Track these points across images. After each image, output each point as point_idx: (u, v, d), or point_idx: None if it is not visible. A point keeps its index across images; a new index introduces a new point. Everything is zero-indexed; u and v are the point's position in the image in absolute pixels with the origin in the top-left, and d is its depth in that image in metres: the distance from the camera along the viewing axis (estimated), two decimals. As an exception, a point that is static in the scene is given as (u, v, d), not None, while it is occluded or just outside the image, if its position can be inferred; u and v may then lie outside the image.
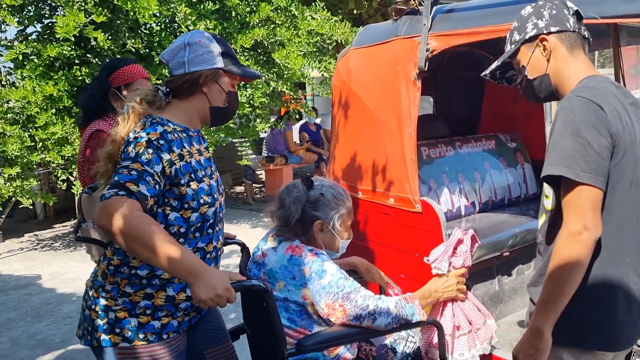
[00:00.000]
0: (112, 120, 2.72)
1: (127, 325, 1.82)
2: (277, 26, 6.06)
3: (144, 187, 1.68)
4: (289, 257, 2.00)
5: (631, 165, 1.51)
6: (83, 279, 5.39)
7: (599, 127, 1.44)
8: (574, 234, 1.42)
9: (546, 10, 1.67)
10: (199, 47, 1.86)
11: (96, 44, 5.26)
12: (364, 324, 1.92)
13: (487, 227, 3.21)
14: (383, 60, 3.14)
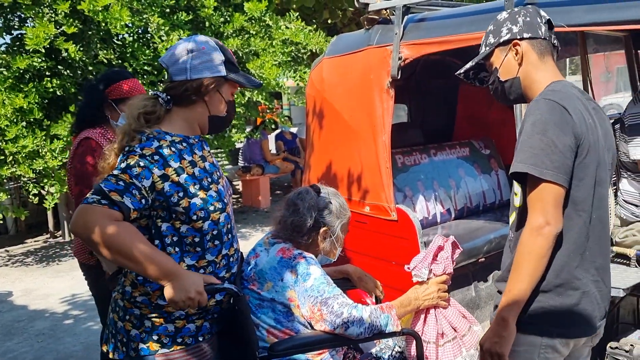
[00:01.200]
0: (105, 130, 2.73)
1: (165, 332, 1.83)
2: (252, 36, 6.05)
3: (129, 199, 1.68)
4: (279, 259, 2.02)
5: (594, 164, 1.59)
6: (55, 295, 5.31)
7: (563, 127, 1.52)
8: (537, 228, 1.51)
9: (521, 17, 1.74)
10: (202, 53, 1.82)
11: (67, 56, 5.18)
12: (337, 332, 1.94)
13: (463, 234, 3.23)
14: (356, 69, 3.15)
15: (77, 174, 2.67)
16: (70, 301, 5.18)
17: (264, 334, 2.01)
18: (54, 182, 5.51)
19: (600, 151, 1.62)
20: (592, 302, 1.64)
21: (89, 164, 2.64)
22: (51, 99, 5.61)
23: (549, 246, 1.52)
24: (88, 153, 2.65)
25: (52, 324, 4.64)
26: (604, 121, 1.72)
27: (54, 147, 5.24)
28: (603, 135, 1.67)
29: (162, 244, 1.80)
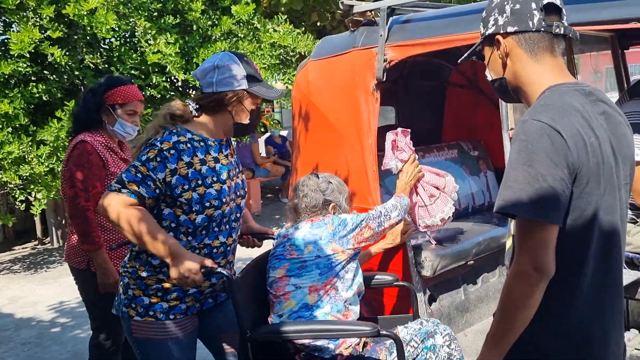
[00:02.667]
0: (100, 134, 2.77)
1: (141, 303, 2.12)
2: (240, 39, 6.01)
3: (144, 189, 1.99)
4: (311, 225, 2.36)
5: (598, 193, 1.35)
6: (43, 303, 5.24)
7: (554, 157, 1.28)
8: (523, 274, 1.31)
9: (509, 3, 1.45)
10: (226, 70, 2.07)
11: (53, 60, 5.13)
12: (386, 225, 2.44)
13: (452, 236, 3.21)
14: (341, 72, 3.13)
15: (71, 177, 2.69)
16: (57, 309, 5.12)
17: (305, 292, 2.28)
18: (41, 188, 5.45)
19: (607, 173, 1.36)
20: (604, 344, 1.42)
21: (84, 167, 2.67)
22: (37, 104, 5.55)
23: (537, 294, 1.31)
24: (83, 155, 2.67)
25: (39, 333, 4.58)
26: (618, 126, 1.44)
27: (40, 153, 5.18)
28: (617, 147, 1.40)
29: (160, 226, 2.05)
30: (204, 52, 5.59)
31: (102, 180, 2.71)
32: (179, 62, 5.41)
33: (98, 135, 2.77)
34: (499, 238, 3.30)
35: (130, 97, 2.77)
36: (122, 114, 2.76)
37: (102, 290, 2.72)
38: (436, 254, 2.97)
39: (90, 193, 2.67)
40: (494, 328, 1.39)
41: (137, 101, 2.79)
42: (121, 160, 2.83)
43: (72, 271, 2.86)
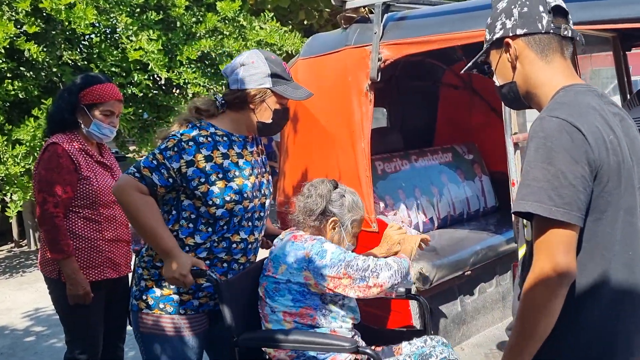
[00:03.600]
0: (75, 135, 2.64)
1: (152, 294, 2.13)
2: (225, 37, 5.86)
3: (157, 177, 2.03)
4: (292, 243, 2.16)
5: (618, 192, 1.31)
6: (18, 310, 5.03)
7: (575, 153, 1.25)
8: (542, 277, 1.25)
9: (517, 7, 1.44)
10: (251, 67, 2.08)
11: (30, 56, 4.93)
12: (371, 282, 2.04)
13: (447, 246, 3.07)
14: (333, 71, 2.98)
15: (40, 180, 2.58)
16: (33, 316, 4.92)
17: (280, 316, 2.14)
18: (17, 189, 5.26)
19: (627, 172, 1.33)
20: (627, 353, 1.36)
21: (53, 170, 2.54)
22: (13, 102, 5.35)
23: (558, 299, 1.26)
24: (53, 159, 2.54)
25: (12, 342, 4.37)
26: (630, 129, 1.41)
27: (16, 153, 4.99)
28: (630, 148, 1.37)
29: (179, 216, 2.11)
30: (188, 49, 5.43)
31: (74, 185, 2.57)
32: (162, 60, 5.25)
33: (73, 137, 2.63)
34: (497, 247, 3.17)
35: (106, 97, 2.62)
36: (98, 114, 2.61)
37: (72, 301, 2.58)
38: (432, 264, 2.83)
39: (59, 198, 2.54)
40: (513, 339, 1.33)
41: (114, 101, 2.64)
42: (97, 164, 2.68)
43: (45, 280, 2.73)
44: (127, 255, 2.76)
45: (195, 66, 5.75)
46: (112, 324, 2.78)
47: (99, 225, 2.63)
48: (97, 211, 2.62)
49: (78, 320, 2.65)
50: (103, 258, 2.63)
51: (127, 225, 2.72)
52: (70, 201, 2.57)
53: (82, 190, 2.58)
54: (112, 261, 2.67)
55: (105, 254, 2.64)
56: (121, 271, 2.72)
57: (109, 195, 2.62)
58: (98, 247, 2.62)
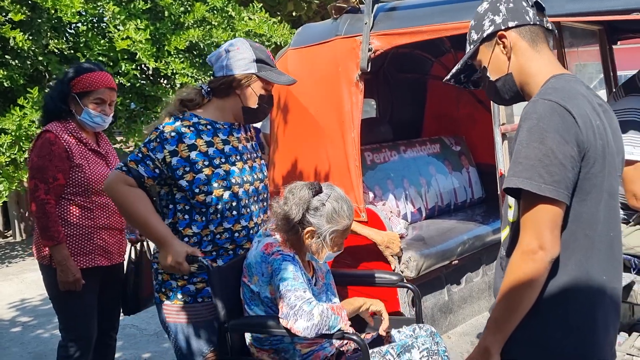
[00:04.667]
0: (69, 123, 2.66)
1: (169, 286, 2.20)
2: (213, 27, 5.83)
3: (143, 168, 2.09)
4: (262, 254, 2.10)
5: (603, 174, 1.37)
6: (3, 301, 4.99)
7: (565, 134, 1.30)
8: (528, 252, 1.31)
9: (502, 4, 1.52)
10: (237, 53, 2.14)
11: (15, 45, 4.87)
12: (288, 325, 1.94)
13: (435, 236, 3.10)
14: (323, 61, 2.98)
15: (32, 167, 2.61)
16: (18, 307, 4.88)
17: None
18: (2, 180, 5.20)
19: (610, 157, 1.40)
20: (610, 332, 1.44)
21: (45, 158, 2.57)
22: (-2, 90, 5.28)
23: (543, 273, 1.32)
24: (45, 146, 2.57)
25: (-3, 333, 4.34)
26: (613, 120, 1.49)
27: (1, 142, 4.93)
28: (612, 137, 1.44)
29: (175, 209, 2.16)
30: (176, 39, 5.40)
31: (66, 172, 2.58)
32: (150, 50, 5.21)
33: (68, 125, 2.65)
34: (484, 236, 3.21)
35: (96, 85, 2.62)
36: (88, 102, 2.62)
37: (62, 288, 2.59)
38: (420, 253, 2.86)
39: (50, 185, 2.55)
40: (496, 312, 1.40)
41: (105, 88, 2.64)
42: (91, 152, 2.68)
43: (39, 266, 2.75)
44: (120, 244, 2.76)
45: (184, 56, 5.71)
46: (105, 312, 2.79)
47: (91, 213, 2.64)
48: (90, 199, 2.63)
49: (70, 307, 2.65)
50: (94, 245, 2.64)
51: (119, 214, 2.70)
52: (62, 188, 2.59)
53: (74, 178, 2.60)
54: (103, 249, 2.67)
55: (97, 242, 2.65)
56: (113, 259, 2.72)
57: (101, 183, 2.62)
58: (90, 234, 2.63)
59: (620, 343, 2.41)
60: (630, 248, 2.50)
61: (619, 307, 1.49)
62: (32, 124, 4.91)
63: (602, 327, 1.42)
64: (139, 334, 4.18)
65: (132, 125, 5.95)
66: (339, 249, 2.20)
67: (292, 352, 2.13)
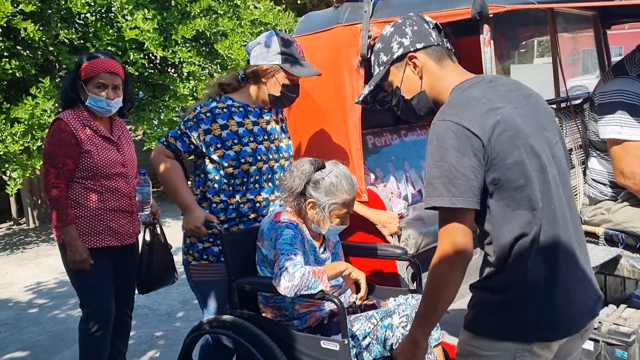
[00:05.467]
0: (80, 111, 2.77)
1: (196, 248, 2.51)
2: (219, 16, 5.93)
3: (180, 143, 2.45)
4: (271, 221, 2.33)
5: (522, 158, 1.46)
6: (19, 284, 5.17)
7: (461, 148, 1.43)
8: (445, 257, 1.46)
9: (407, 27, 1.67)
10: (265, 45, 2.41)
11: (26, 35, 4.99)
12: (275, 284, 2.15)
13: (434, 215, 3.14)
14: (325, 48, 3.08)
15: (44, 153, 2.78)
16: (34, 289, 5.06)
17: None
18: (16, 167, 5.35)
19: (524, 139, 1.47)
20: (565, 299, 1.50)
21: (55, 144, 2.70)
22: (10, 80, 5.42)
23: (459, 274, 1.47)
24: (55, 133, 2.70)
25: (16, 314, 4.52)
26: (529, 98, 1.58)
27: (14, 131, 5.08)
28: (531, 117, 1.53)
29: (206, 178, 2.49)
30: (183, 28, 5.51)
31: (75, 158, 2.72)
32: (157, 39, 5.33)
33: (80, 112, 2.77)
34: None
35: (96, 70, 2.71)
36: (92, 88, 2.72)
37: (71, 266, 2.75)
38: (419, 231, 2.97)
39: (60, 170, 2.69)
40: (422, 307, 1.55)
41: (105, 73, 2.72)
42: (100, 138, 2.80)
43: (58, 245, 2.89)
44: (130, 225, 2.89)
45: (190, 45, 5.82)
46: (120, 290, 2.93)
47: (101, 196, 2.77)
48: (99, 182, 2.76)
49: (84, 283, 2.81)
50: (104, 226, 2.78)
51: (130, 197, 2.86)
52: (72, 173, 2.72)
53: (84, 163, 2.72)
54: (113, 230, 2.81)
55: (107, 223, 2.79)
56: (123, 240, 2.86)
57: (111, 167, 2.77)
58: (100, 216, 2.77)
59: (608, 314, 2.53)
60: (618, 224, 2.60)
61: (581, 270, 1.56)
62: (44, 113, 5.06)
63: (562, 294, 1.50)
64: (152, 314, 4.35)
65: (141, 114, 6.08)
66: (341, 222, 2.35)
67: (291, 310, 2.33)
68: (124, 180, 2.83)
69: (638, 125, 2.49)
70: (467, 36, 3.91)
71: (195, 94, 5.93)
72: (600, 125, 2.60)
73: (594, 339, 2.40)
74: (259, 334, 2.22)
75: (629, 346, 2.34)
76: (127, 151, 2.89)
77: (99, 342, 2.81)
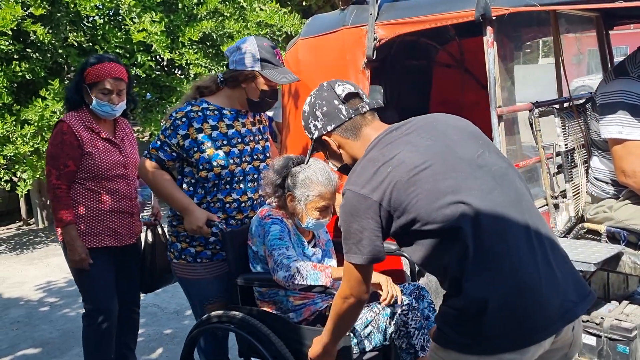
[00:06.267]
0: (83, 113, 2.80)
1: (176, 248, 2.60)
2: (226, 18, 5.98)
3: (162, 153, 2.47)
4: (258, 219, 2.43)
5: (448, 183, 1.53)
6: (29, 283, 5.24)
7: (362, 214, 1.58)
8: (344, 297, 1.74)
9: (318, 109, 1.75)
10: (245, 51, 2.42)
11: (36, 38, 5.07)
12: (274, 277, 2.27)
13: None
14: (331, 50, 3.13)
15: (47, 154, 2.83)
16: (45, 288, 5.13)
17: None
18: (26, 168, 5.42)
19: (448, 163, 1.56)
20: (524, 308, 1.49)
21: (57, 146, 2.75)
22: (20, 83, 5.49)
23: (353, 311, 1.78)
24: (58, 135, 2.75)
25: (28, 312, 4.59)
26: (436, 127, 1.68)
27: (24, 133, 5.15)
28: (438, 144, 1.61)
29: (182, 180, 2.55)
30: (190, 30, 5.56)
31: (77, 160, 2.76)
32: (165, 41, 5.38)
33: (83, 114, 2.80)
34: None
35: (101, 76, 2.73)
36: (97, 93, 2.74)
37: (71, 265, 2.81)
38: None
39: (61, 172, 2.74)
40: (327, 329, 1.90)
41: (110, 79, 2.74)
42: (103, 141, 2.83)
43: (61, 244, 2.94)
44: (131, 226, 2.94)
45: (197, 47, 5.88)
46: (124, 288, 2.99)
47: (101, 197, 2.82)
48: (100, 184, 2.80)
49: (85, 281, 2.87)
50: (104, 227, 2.83)
51: (130, 199, 2.90)
52: (74, 174, 2.77)
53: (85, 165, 2.77)
54: (113, 230, 2.85)
55: (106, 224, 2.83)
56: (123, 240, 2.90)
57: (112, 169, 2.82)
58: (100, 216, 2.82)
59: (610, 310, 2.57)
60: (620, 222, 2.64)
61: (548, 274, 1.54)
62: (54, 114, 5.12)
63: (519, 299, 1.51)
64: (160, 312, 4.41)
65: (148, 115, 6.15)
66: (321, 216, 2.40)
67: (286, 303, 2.42)
68: (124, 181, 2.88)
69: (639, 125, 2.53)
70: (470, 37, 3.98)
71: (202, 96, 5.99)
72: (601, 125, 2.64)
73: (596, 334, 2.44)
74: (265, 331, 2.29)
75: (631, 341, 2.38)
76: (129, 153, 2.93)
77: (102, 337, 2.87)
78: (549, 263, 1.55)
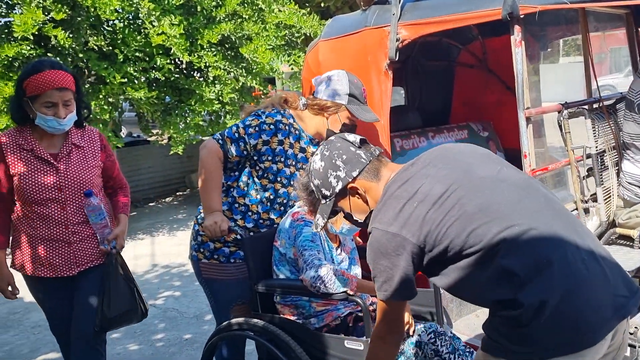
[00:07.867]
0: (26, 128, 2.44)
1: (207, 247, 2.56)
2: (244, 20, 5.96)
3: (234, 147, 2.42)
4: (290, 221, 2.39)
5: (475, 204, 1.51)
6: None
7: (393, 251, 1.56)
8: (381, 337, 1.74)
9: (337, 159, 1.72)
10: (335, 83, 2.48)
11: (57, 43, 5.09)
12: (302, 277, 2.23)
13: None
14: (353, 51, 3.08)
15: None
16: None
17: None
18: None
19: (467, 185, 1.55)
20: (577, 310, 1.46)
21: None
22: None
23: (393, 350, 1.77)
24: None
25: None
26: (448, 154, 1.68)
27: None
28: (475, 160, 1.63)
29: (238, 177, 2.51)
30: (208, 33, 5.55)
31: (5, 180, 2.45)
32: (184, 44, 5.38)
33: (24, 130, 2.46)
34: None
35: (42, 87, 2.32)
36: (39, 106, 2.35)
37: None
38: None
39: None
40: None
41: (52, 90, 2.33)
42: (37, 160, 2.44)
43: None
44: (67, 257, 2.49)
45: (216, 49, 5.87)
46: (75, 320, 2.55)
47: (32, 222, 2.47)
48: (30, 208, 2.45)
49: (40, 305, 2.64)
50: (37, 255, 2.48)
51: (66, 225, 2.48)
52: (8, 195, 2.47)
53: (16, 187, 2.44)
54: (47, 260, 2.48)
55: (39, 252, 2.48)
56: (60, 272, 2.49)
57: (42, 192, 2.43)
58: (33, 243, 2.48)
59: None
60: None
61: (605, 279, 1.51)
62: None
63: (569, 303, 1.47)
64: (180, 316, 4.39)
65: (167, 118, 6.15)
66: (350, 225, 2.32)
67: (308, 308, 2.38)
68: (58, 206, 2.45)
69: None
70: (494, 37, 3.90)
71: (221, 98, 5.97)
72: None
73: (630, 344, 2.35)
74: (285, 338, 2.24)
75: (667, 352, 2.29)
76: (72, 172, 2.49)
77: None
78: (596, 259, 1.52)
